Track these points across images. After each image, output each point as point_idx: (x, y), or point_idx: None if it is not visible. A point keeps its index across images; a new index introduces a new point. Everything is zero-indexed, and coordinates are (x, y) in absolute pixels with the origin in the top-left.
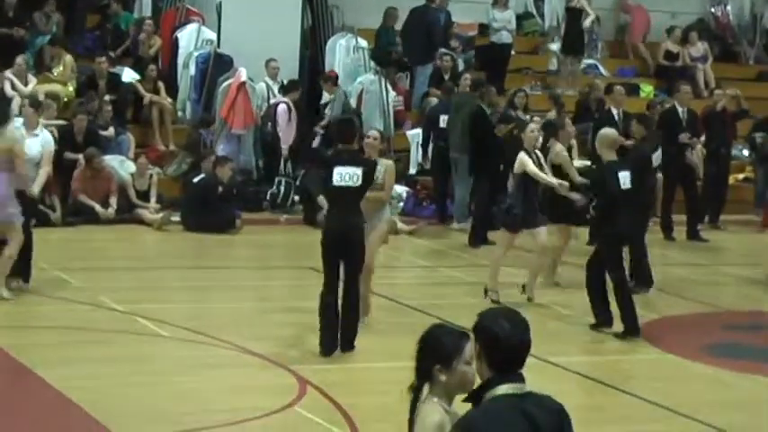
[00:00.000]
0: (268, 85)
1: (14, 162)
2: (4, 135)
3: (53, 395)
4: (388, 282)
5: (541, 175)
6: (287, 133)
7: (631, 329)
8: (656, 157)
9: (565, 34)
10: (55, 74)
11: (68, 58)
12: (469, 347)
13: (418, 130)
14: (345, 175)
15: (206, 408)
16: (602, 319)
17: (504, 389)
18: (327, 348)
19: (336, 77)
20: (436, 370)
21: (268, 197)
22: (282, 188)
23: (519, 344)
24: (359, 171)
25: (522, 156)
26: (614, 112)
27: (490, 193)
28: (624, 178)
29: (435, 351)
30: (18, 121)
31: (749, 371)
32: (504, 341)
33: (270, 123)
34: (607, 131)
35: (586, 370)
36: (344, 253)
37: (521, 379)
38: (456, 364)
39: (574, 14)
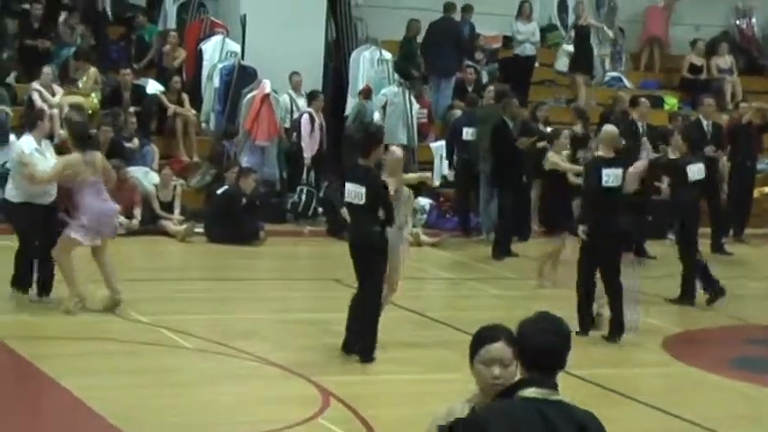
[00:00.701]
0: (291, 98)
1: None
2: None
3: (76, 405)
4: (411, 294)
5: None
6: (310, 143)
7: (618, 331)
8: (698, 171)
9: (574, 53)
10: (79, 86)
11: (92, 70)
12: (493, 348)
13: (442, 143)
14: (352, 193)
15: (229, 419)
16: (585, 325)
17: (529, 392)
18: (346, 347)
19: (370, 91)
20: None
21: (290, 206)
22: (304, 197)
23: (544, 348)
24: (362, 190)
25: (551, 154)
26: (639, 124)
27: (513, 206)
28: (609, 175)
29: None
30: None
31: None
32: (528, 343)
33: (294, 134)
34: (609, 128)
35: (608, 382)
36: (357, 263)
37: (551, 386)
38: (474, 363)
39: (581, 33)
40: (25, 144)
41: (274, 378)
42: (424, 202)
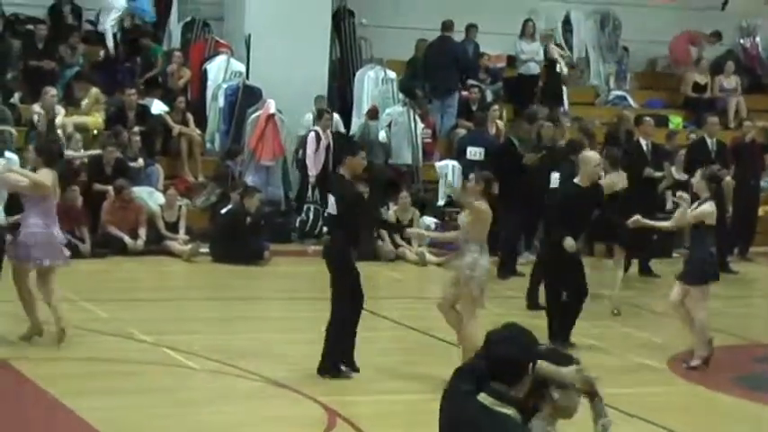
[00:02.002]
0: (315, 116)
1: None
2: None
3: (81, 426)
4: (417, 314)
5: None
6: (314, 161)
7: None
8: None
9: (544, 84)
10: (82, 106)
11: (94, 90)
12: (539, 367)
13: (446, 162)
14: (329, 203)
15: None
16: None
17: (482, 396)
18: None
19: (376, 111)
20: None
21: (298, 224)
22: (311, 215)
23: (502, 358)
24: (332, 199)
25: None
26: (643, 143)
27: (520, 225)
28: (555, 179)
29: None
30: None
31: None
32: (491, 352)
33: (300, 151)
34: (589, 156)
35: (613, 401)
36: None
37: (500, 396)
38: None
39: (550, 64)
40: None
41: (280, 398)
42: (429, 221)
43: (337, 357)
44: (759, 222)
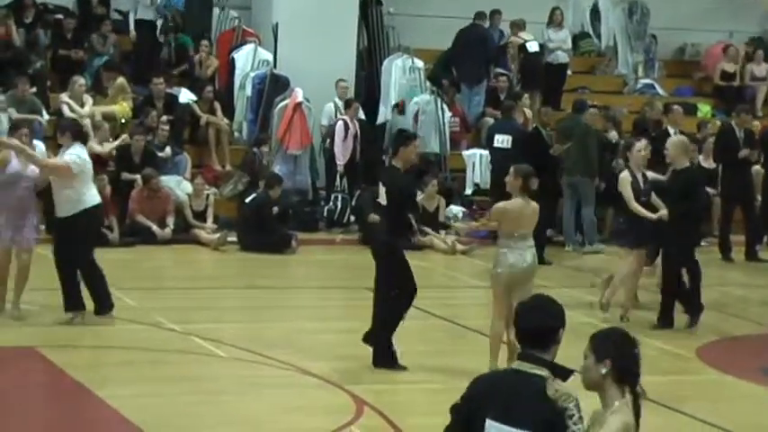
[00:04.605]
0: (336, 105)
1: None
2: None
3: (110, 414)
4: (444, 302)
5: (633, 204)
6: (342, 150)
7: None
8: None
9: (520, 72)
10: (110, 95)
11: (120, 79)
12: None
13: (474, 150)
14: (379, 192)
15: (262, 428)
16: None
17: (516, 364)
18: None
19: (403, 106)
20: None
21: (326, 213)
22: (339, 204)
23: (532, 327)
24: (382, 190)
25: (624, 175)
26: (671, 131)
27: (546, 214)
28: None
29: None
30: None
31: None
32: (521, 322)
33: (328, 140)
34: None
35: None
36: None
37: (536, 360)
38: None
39: (524, 52)
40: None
41: (307, 386)
42: (457, 210)
43: (387, 345)
44: None
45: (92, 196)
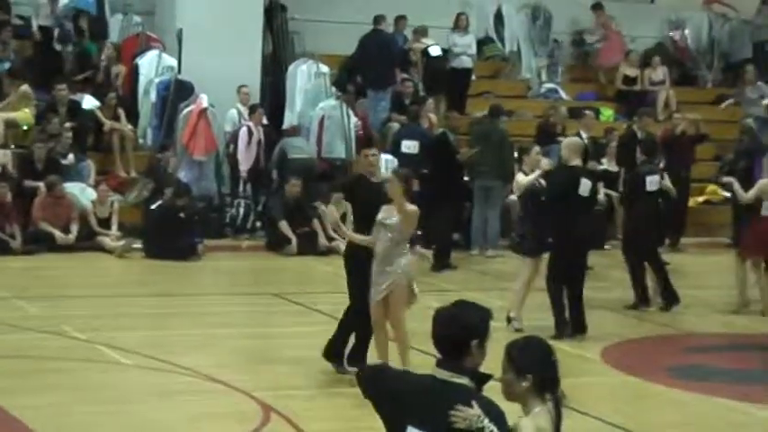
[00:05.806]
0: (239, 111)
1: None
2: None
3: (14, 424)
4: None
5: (529, 177)
6: (246, 156)
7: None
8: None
9: (424, 77)
10: (12, 101)
11: (25, 86)
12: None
13: (381, 155)
14: None
15: None
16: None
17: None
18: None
19: (297, 130)
20: None
21: (228, 219)
22: (242, 210)
23: (441, 335)
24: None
25: (519, 175)
26: (584, 136)
27: (453, 218)
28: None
29: None
30: None
31: (712, 392)
32: (434, 329)
33: (232, 146)
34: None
35: None
36: None
37: (449, 368)
38: None
39: (427, 57)
40: None
41: (214, 393)
42: None
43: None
44: (689, 213)
45: None
